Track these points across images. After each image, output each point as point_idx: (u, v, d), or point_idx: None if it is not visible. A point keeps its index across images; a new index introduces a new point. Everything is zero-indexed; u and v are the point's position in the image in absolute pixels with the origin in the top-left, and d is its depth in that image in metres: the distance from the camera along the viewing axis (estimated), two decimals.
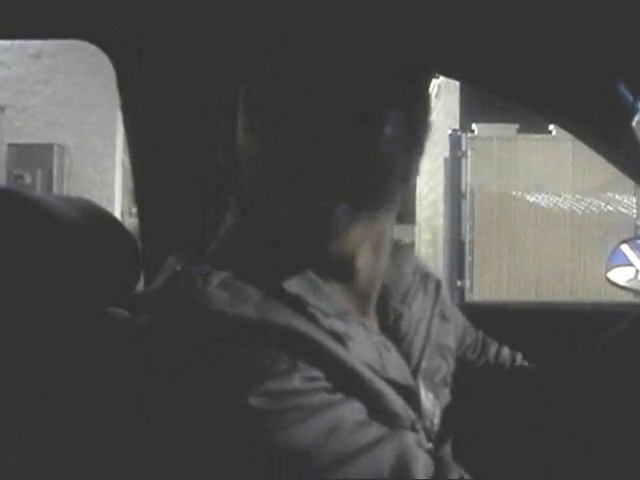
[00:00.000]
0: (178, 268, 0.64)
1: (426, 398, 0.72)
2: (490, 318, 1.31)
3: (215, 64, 1.03)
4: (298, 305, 0.62)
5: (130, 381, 0.63)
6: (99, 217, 0.84)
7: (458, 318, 0.91)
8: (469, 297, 6.69)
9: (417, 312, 0.77)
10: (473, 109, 6.80)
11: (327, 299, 0.65)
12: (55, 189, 6.88)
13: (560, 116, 0.82)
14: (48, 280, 0.73)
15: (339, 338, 0.62)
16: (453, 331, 0.86)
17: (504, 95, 0.85)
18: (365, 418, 0.60)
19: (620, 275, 1.39)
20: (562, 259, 6.65)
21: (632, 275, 1.36)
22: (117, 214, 6.98)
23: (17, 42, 6.76)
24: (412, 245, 13.22)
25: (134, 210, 1.13)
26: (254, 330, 0.58)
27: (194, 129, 1.02)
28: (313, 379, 0.58)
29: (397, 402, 0.65)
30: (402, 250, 0.81)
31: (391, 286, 0.76)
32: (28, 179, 6.76)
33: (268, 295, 0.62)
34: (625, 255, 1.37)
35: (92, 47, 1.05)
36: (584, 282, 6.50)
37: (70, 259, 0.75)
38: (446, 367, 0.80)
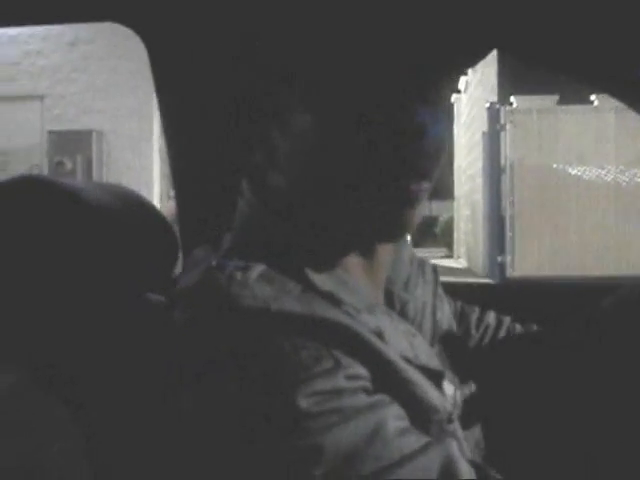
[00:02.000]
0: (213, 262, 0.63)
1: (446, 381, 0.71)
2: (533, 295, 1.29)
3: (250, 49, 1.01)
4: (333, 302, 0.61)
5: (170, 377, 0.62)
6: (135, 203, 0.84)
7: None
8: (510, 273, 6.62)
9: (420, 298, 0.76)
10: (512, 81, 6.67)
11: (356, 294, 0.65)
12: (94, 174, 6.99)
13: (608, 83, 0.79)
14: (86, 267, 0.73)
15: (375, 332, 0.61)
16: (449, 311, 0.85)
17: (547, 64, 0.82)
18: (407, 425, 0.58)
19: None
20: (606, 232, 6.52)
21: None
22: (155, 197, 7.07)
23: (54, 31, 6.84)
24: (451, 220, 13.10)
25: (172, 193, 1.13)
26: (299, 323, 0.57)
27: (229, 113, 1.01)
28: (356, 377, 0.57)
29: (433, 393, 0.63)
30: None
31: (392, 275, 0.75)
32: (69, 165, 6.88)
33: (306, 289, 0.61)
34: None
35: (126, 32, 1.05)
36: (629, 255, 6.37)
37: (107, 245, 0.75)
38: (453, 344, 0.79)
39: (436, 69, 0.64)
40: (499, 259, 6.68)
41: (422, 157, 0.62)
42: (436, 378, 0.66)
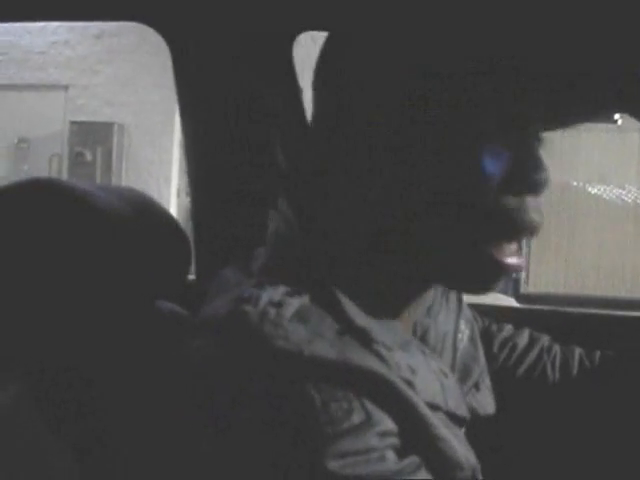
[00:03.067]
0: (245, 293, 0.58)
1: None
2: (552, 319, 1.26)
3: (277, 52, 1.00)
4: (365, 341, 0.58)
5: (186, 404, 0.58)
6: (148, 208, 0.83)
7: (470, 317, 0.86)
8: (524, 289, 6.54)
9: (442, 326, 0.73)
10: None
11: (390, 330, 0.61)
12: (114, 167, 7.02)
13: (630, 105, 0.76)
14: (96, 272, 0.72)
15: (405, 377, 0.59)
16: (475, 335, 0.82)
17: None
18: None
19: None
20: (623, 254, 6.44)
21: None
22: (173, 192, 7.08)
23: (81, 22, 6.88)
24: None
25: None
26: (331, 371, 0.54)
27: (251, 119, 1.00)
28: (386, 434, 0.54)
29: (459, 448, 0.61)
30: None
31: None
32: (89, 157, 6.90)
33: (341, 330, 0.57)
34: None
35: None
36: None
37: (117, 250, 0.73)
38: (477, 370, 0.76)
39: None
40: (513, 275, 6.61)
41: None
42: (460, 423, 0.64)
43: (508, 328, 0.91)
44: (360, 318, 0.59)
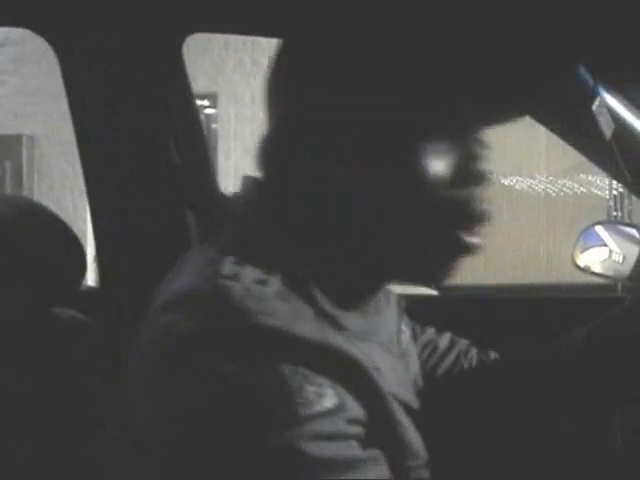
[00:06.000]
0: (225, 269, 0.58)
1: None
2: (462, 305, 1.31)
3: (165, 53, 0.99)
4: (336, 327, 0.59)
5: (161, 386, 0.57)
6: (38, 215, 0.81)
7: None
8: None
9: (388, 325, 0.75)
10: None
11: (355, 320, 0.63)
12: (25, 181, 6.76)
13: (534, 108, 0.81)
14: None
15: (374, 365, 0.60)
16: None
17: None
18: None
19: (594, 256, 1.39)
20: (537, 241, 6.71)
21: (606, 255, 1.36)
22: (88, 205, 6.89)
23: None
24: None
25: None
26: (311, 352, 0.54)
27: (143, 122, 0.99)
28: (355, 422, 0.56)
29: (415, 437, 0.63)
30: None
31: None
32: None
33: (319, 313, 0.58)
34: (599, 235, 1.36)
35: None
36: (559, 263, 6.56)
37: (5, 258, 0.72)
38: (414, 369, 0.79)
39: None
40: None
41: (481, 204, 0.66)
42: (412, 415, 0.65)
43: (431, 331, 0.95)
44: (329, 306, 0.60)
